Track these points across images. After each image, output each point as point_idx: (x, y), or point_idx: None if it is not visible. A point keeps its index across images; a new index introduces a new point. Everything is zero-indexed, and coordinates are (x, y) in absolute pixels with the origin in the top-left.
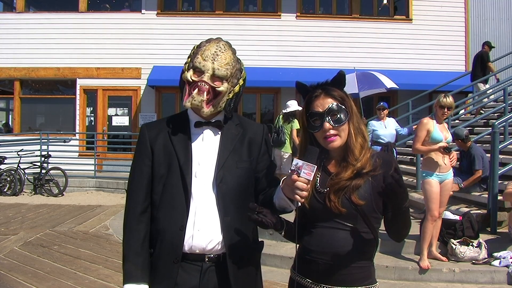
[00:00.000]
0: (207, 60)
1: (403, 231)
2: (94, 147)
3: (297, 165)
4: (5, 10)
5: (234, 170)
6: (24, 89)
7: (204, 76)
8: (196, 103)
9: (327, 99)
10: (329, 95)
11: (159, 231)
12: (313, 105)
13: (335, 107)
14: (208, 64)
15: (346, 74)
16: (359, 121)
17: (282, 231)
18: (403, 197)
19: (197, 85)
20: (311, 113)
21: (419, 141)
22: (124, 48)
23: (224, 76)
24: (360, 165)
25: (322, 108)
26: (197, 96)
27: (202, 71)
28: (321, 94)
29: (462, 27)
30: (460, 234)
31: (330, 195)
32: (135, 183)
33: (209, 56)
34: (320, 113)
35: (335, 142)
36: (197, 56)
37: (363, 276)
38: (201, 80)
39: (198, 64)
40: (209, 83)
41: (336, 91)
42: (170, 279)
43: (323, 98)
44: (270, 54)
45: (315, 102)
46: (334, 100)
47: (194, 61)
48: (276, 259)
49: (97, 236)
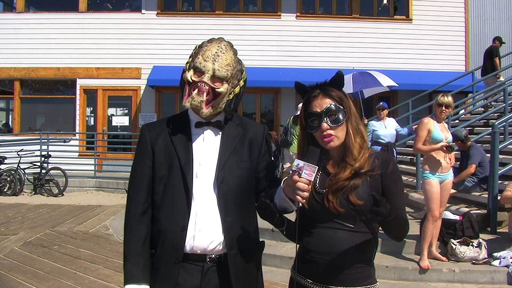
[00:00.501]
0: (208, 60)
1: (399, 233)
2: (94, 147)
3: (298, 166)
4: (5, 10)
5: (235, 170)
6: (24, 89)
7: (204, 77)
8: (196, 104)
9: (325, 99)
10: (327, 95)
11: (160, 231)
12: (311, 105)
13: (333, 107)
14: (209, 64)
15: (345, 74)
16: (358, 122)
17: (283, 228)
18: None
19: (197, 85)
20: (309, 113)
21: (420, 140)
22: (124, 48)
23: (224, 77)
24: (358, 165)
25: (320, 108)
26: (197, 97)
27: (202, 71)
28: (319, 94)
29: (462, 27)
30: (460, 234)
31: (329, 196)
32: (135, 184)
33: (210, 56)
34: (318, 113)
35: (332, 142)
36: (198, 56)
37: (363, 276)
38: (201, 81)
39: (199, 64)
40: (209, 84)
41: (334, 91)
42: (171, 280)
43: (321, 98)
44: (270, 54)
45: (313, 102)
46: (332, 100)
47: (195, 61)
48: (276, 259)
49: (97, 236)
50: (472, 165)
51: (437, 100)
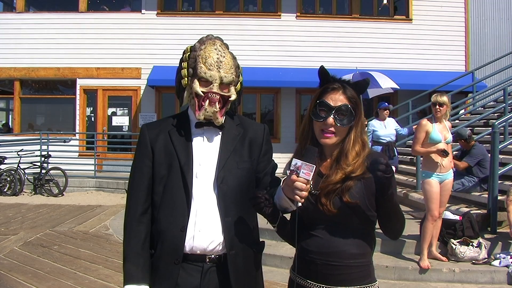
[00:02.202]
0: (212, 69)
1: (396, 225)
2: (94, 147)
3: (296, 165)
4: (5, 10)
5: (235, 170)
6: (24, 89)
7: (213, 87)
8: (210, 115)
9: (342, 97)
10: (345, 94)
11: (160, 232)
12: (327, 96)
13: (345, 108)
14: (215, 73)
15: (345, 74)
16: (362, 131)
17: (275, 225)
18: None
19: (207, 96)
20: (321, 101)
21: (418, 142)
22: (124, 48)
23: (231, 82)
24: (350, 169)
25: (334, 103)
26: (209, 108)
27: (209, 81)
28: (339, 89)
29: (462, 27)
30: (460, 234)
31: (321, 199)
32: (135, 184)
33: (213, 64)
34: (330, 106)
35: (329, 140)
36: (200, 65)
37: (362, 275)
38: (210, 91)
39: (204, 74)
40: (219, 93)
41: (353, 94)
42: (170, 280)
43: (339, 94)
44: (270, 54)
45: (330, 94)
46: (348, 101)
47: (199, 71)
48: (276, 259)
49: (97, 236)
50: (463, 163)
51: (431, 99)
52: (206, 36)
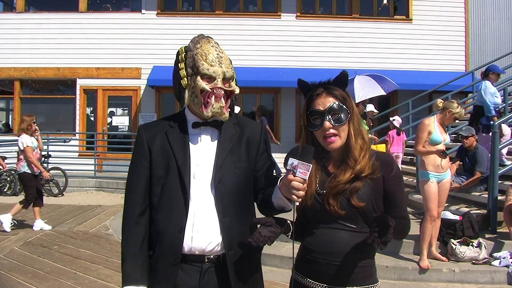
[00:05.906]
0: (215, 65)
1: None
2: (94, 147)
3: (293, 165)
4: (5, 10)
5: (233, 170)
6: (24, 89)
7: (217, 82)
8: (217, 110)
9: (328, 98)
10: (330, 94)
11: (158, 233)
12: (314, 103)
13: (336, 107)
14: (217, 69)
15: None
16: (360, 123)
17: (289, 233)
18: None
19: (213, 92)
20: (311, 111)
21: (421, 142)
22: (124, 48)
23: (231, 76)
24: (359, 168)
25: (323, 107)
26: (216, 104)
27: (213, 77)
28: (322, 92)
29: (462, 27)
30: (460, 234)
31: (329, 199)
32: (133, 185)
33: (215, 60)
34: (320, 112)
35: (334, 143)
36: (201, 62)
37: (364, 275)
38: (215, 87)
39: (207, 71)
40: (223, 88)
41: (338, 90)
42: (169, 281)
43: (324, 96)
44: (270, 54)
45: (317, 101)
46: (335, 99)
47: (201, 68)
48: (276, 259)
49: (97, 236)
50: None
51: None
52: (198, 36)
